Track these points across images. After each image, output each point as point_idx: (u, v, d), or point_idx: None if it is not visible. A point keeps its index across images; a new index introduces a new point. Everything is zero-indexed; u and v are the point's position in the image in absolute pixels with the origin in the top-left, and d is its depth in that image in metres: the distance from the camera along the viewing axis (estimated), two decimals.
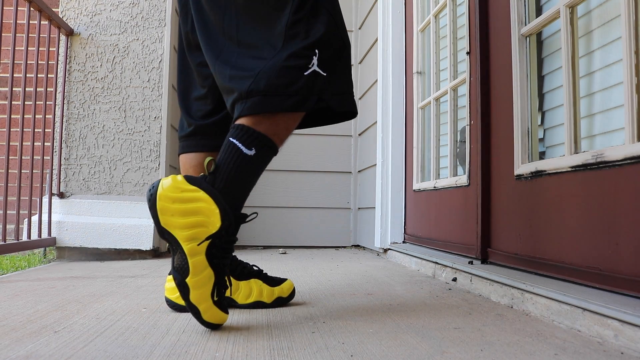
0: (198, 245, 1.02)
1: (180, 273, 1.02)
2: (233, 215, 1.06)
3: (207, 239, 1.03)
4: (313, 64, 1.10)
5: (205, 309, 1.02)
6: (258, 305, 1.28)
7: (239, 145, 1.07)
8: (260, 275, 1.30)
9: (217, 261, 1.04)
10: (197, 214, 1.03)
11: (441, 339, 0.99)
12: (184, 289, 1.01)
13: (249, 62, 1.11)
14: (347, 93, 1.18)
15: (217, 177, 1.06)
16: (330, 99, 1.13)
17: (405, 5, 2.66)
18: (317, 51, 1.11)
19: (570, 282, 1.23)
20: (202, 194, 1.04)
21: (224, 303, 1.07)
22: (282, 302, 1.30)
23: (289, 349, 0.92)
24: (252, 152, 1.07)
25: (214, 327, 1.05)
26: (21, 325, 1.07)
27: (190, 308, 1.02)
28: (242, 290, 1.27)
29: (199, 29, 1.19)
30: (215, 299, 1.04)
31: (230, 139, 1.08)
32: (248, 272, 1.29)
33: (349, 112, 1.23)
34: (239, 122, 1.09)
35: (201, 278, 1.02)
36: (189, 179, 1.05)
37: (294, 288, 1.34)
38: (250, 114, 1.08)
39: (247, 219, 1.11)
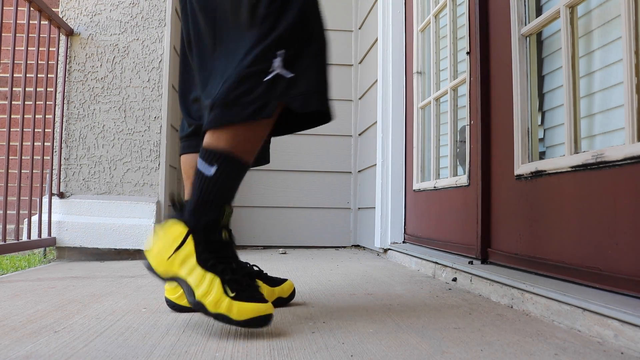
0: (168, 259, 1.04)
1: (191, 296, 1.01)
2: (195, 218, 1.05)
3: (177, 249, 1.04)
4: (276, 66, 1.03)
5: (228, 310, 0.98)
6: None
7: (202, 163, 1.05)
8: (260, 275, 1.30)
9: (212, 262, 1.03)
10: (177, 243, 1.05)
11: (441, 339, 0.99)
12: (201, 307, 1.00)
13: (222, 70, 1.08)
14: (314, 92, 1.06)
15: (190, 200, 1.07)
16: (293, 101, 1.04)
17: (405, 5, 2.66)
18: (279, 52, 1.03)
19: (570, 282, 1.23)
20: (178, 226, 1.05)
21: (248, 293, 1.01)
22: (282, 302, 1.30)
23: (289, 349, 0.92)
24: (211, 171, 1.04)
25: (254, 323, 0.99)
26: (21, 325, 1.07)
27: (217, 319, 0.99)
28: None
29: (192, 34, 1.19)
30: (232, 294, 0.99)
31: (198, 158, 1.07)
32: (248, 273, 1.29)
33: (320, 113, 1.13)
34: (204, 137, 1.08)
35: (206, 287, 1.00)
36: (167, 221, 1.08)
37: (294, 288, 1.34)
38: (210, 128, 1.05)
39: (224, 215, 1.08)
